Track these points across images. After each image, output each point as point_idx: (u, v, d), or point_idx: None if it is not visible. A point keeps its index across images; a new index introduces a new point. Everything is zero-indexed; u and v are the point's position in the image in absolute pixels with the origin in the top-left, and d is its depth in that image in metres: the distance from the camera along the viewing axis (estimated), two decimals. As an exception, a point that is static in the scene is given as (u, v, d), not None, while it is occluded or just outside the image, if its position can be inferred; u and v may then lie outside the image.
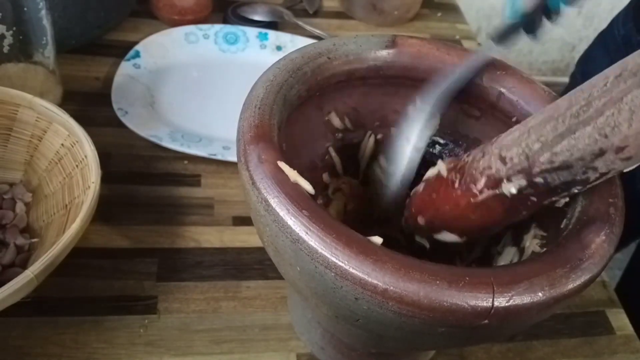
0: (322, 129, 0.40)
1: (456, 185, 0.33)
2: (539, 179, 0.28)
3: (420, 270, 0.25)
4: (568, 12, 0.36)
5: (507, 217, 0.32)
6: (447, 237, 0.35)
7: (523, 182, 0.29)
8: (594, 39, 0.78)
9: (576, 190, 0.28)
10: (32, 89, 0.47)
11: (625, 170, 0.26)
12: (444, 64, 0.38)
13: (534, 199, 0.29)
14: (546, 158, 0.27)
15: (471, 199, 0.32)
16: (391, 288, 0.25)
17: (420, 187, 0.37)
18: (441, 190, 0.34)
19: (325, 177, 0.41)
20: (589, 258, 0.27)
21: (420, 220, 0.36)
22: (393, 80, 0.40)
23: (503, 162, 0.29)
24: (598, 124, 0.24)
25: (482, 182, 0.31)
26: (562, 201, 0.31)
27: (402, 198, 0.38)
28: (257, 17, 0.71)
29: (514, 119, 0.37)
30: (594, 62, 0.76)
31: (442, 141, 0.42)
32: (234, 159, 0.52)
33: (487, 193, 0.31)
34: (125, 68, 0.60)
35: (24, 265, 0.41)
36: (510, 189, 0.29)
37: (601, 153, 0.25)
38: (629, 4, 0.69)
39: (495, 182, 0.30)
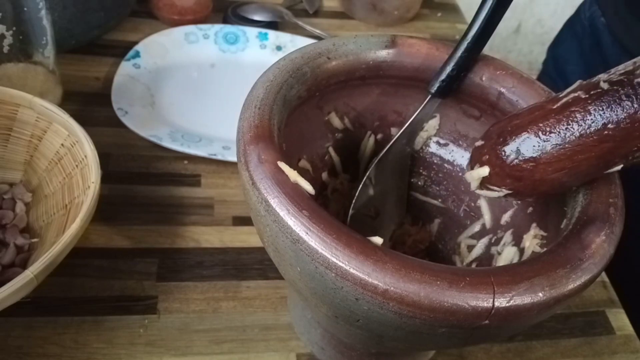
0: (322, 129, 0.40)
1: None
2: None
3: (420, 270, 0.25)
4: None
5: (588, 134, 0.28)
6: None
7: (620, 78, 0.27)
8: (562, 25, 0.80)
9: None
10: (32, 89, 0.47)
11: None
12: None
13: (624, 113, 0.26)
14: None
15: (558, 103, 0.29)
16: (392, 288, 0.25)
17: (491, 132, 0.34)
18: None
19: (325, 176, 0.41)
20: (589, 258, 0.27)
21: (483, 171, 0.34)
22: (393, 80, 0.39)
23: (607, 73, 0.28)
24: None
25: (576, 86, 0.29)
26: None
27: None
28: (257, 17, 0.71)
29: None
30: (563, 46, 0.77)
31: (442, 141, 0.42)
32: (234, 159, 0.52)
33: (578, 94, 0.28)
34: (125, 68, 0.60)
35: (24, 265, 0.41)
36: (605, 85, 0.27)
37: None
38: None
39: (593, 86, 0.28)
